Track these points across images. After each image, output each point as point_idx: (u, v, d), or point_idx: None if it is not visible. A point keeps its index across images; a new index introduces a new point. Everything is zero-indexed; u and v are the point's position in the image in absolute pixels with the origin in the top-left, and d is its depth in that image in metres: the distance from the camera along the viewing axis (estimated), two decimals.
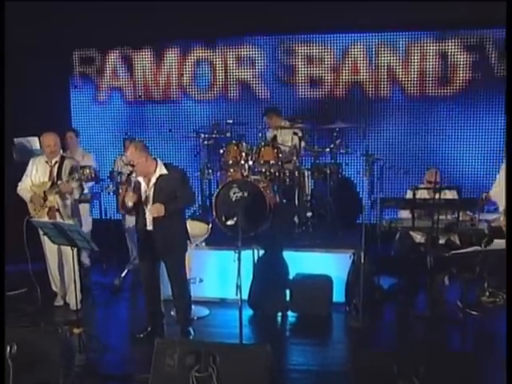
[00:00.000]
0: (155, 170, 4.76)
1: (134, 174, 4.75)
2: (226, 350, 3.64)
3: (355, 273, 5.52)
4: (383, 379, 3.39)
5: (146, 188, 4.78)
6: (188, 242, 5.08)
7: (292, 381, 4.48)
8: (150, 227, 4.78)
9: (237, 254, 4.49)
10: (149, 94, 8.27)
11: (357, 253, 5.57)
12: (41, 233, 4.81)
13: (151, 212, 4.68)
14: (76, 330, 4.56)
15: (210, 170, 6.75)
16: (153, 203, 4.71)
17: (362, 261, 5.36)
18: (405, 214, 5.91)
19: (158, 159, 4.86)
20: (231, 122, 6.60)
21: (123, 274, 6.55)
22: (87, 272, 6.69)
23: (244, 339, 5.05)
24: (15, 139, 7.20)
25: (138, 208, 4.83)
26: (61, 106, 8.34)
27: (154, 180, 4.75)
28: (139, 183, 4.73)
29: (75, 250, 4.58)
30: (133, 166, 4.67)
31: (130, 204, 4.66)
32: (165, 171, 4.78)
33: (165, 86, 8.21)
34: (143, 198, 4.77)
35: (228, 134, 6.57)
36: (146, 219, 4.79)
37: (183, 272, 5.04)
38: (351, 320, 5.47)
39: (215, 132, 6.75)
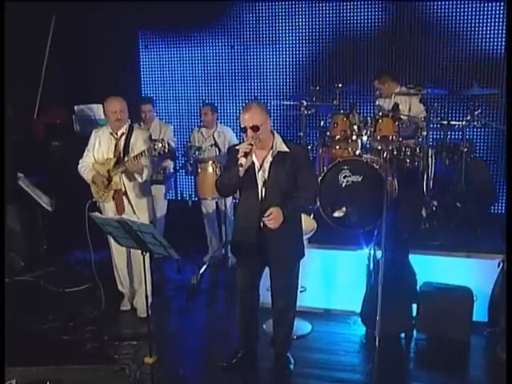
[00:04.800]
0: (272, 146, 3.55)
1: (246, 144, 3.46)
2: None
3: (504, 285, 4.28)
4: None
5: (259, 168, 3.56)
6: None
7: None
8: (260, 224, 3.55)
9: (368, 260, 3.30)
10: (232, 51, 6.95)
11: (507, 259, 4.30)
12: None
13: (267, 221, 3.46)
14: (148, 360, 3.44)
15: (309, 146, 5.45)
16: (265, 190, 3.53)
17: None
18: None
19: (274, 131, 3.64)
20: (341, 86, 5.20)
21: (201, 271, 5.44)
22: (158, 265, 5.62)
23: (355, 367, 4.05)
24: (75, 107, 6.27)
25: (246, 193, 3.64)
26: (130, 69, 7.28)
27: (270, 158, 3.53)
28: (250, 159, 3.48)
29: (147, 254, 3.42)
30: (256, 129, 3.42)
31: (240, 173, 3.42)
32: (285, 148, 3.54)
33: (254, 42, 6.83)
34: (257, 182, 3.56)
35: (335, 102, 5.22)
36: (256, 212, 3.55)
37: (296, 283, 3.88)
38: (501, 349, 4.16)
39: (316, 98, 5.40)
